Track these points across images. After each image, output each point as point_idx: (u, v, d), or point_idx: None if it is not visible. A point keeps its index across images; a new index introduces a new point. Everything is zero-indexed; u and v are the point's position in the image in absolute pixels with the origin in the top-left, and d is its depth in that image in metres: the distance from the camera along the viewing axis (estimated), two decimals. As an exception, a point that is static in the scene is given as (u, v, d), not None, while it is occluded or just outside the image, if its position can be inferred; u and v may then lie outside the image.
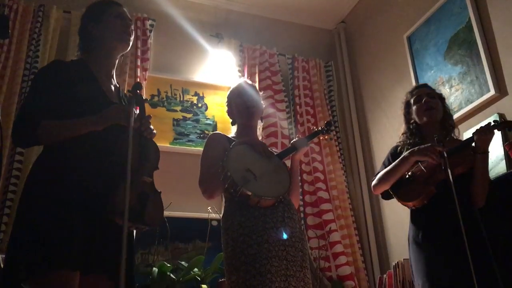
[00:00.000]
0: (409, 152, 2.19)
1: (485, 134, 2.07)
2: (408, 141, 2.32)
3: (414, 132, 2.32)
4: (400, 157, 2.22)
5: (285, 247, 1.87)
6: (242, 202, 1.89)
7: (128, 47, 1.88)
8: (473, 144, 2.13)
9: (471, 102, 2.93)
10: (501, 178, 2.44)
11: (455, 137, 2.33)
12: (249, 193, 1.84)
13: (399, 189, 2.22)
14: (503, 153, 2.60)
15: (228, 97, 2.30)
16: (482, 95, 2.86)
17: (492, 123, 2.12)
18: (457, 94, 3.06)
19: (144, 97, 1.78)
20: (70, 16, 3.47)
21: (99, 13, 1.84)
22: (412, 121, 2.36)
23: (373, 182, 2.33)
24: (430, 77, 3.31)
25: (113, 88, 1.84)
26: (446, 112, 2.37)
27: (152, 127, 1.76)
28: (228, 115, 2.29)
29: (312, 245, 3.42)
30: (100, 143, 1.64)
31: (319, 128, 2.32)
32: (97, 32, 1.81)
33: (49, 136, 1.60)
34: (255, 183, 1.87)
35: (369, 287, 3.48)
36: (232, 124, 2.28)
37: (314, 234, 3.48)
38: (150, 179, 1.67)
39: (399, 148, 2.34)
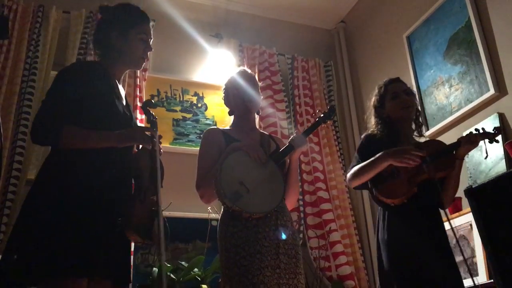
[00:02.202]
0: (385, 153, 2.07)
1: (471, 143, 2.08)
2: (384, 131, 2.22)
3: (388, 124, 2.24)
4: (376, 156, 2.09)
5: (278, 256, 1.86)
6: (235, 213, 1.90)
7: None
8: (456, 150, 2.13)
9: (471, 102, 2.93)
10: (501, 178, 2.43)
11: (421, 134, 2.34)
12: (241, 210, 1.85)
13: (379, 184, 2.13)
14: (503, 153, 2.60)
15: (226, 86, 2.28)
16: (481, 94, 2.86)
17: (479, 132, 2.13)
18: (456, 94, 3.06)
19: (154, 117, 1.78)
20: (69, 16, 3.46)
21: (127, 26, 1.83)
22: (385, 115, 2.27)
23: (348, 176, 2.21)
24: (430, 77, 3.31)
25: (122, 95, 1.88)
26: (417, 109, 2.37)
27: (161, 146, 1.80)
28: (225, 103, 2.28)
29: (312, 245, 3.43)
30: (113, 154, 1.67)
31: (317, 118, 2.18)
32: (118, 45, 1.81)
33: (71, 141, 1.61)
34: (247, 198, 1.86)
35: (369, 287, 3.48)
36: (230, 114, 2.26)
37: (314, 234, 3.48)
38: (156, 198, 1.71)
39: (377, 137, 2.21)
